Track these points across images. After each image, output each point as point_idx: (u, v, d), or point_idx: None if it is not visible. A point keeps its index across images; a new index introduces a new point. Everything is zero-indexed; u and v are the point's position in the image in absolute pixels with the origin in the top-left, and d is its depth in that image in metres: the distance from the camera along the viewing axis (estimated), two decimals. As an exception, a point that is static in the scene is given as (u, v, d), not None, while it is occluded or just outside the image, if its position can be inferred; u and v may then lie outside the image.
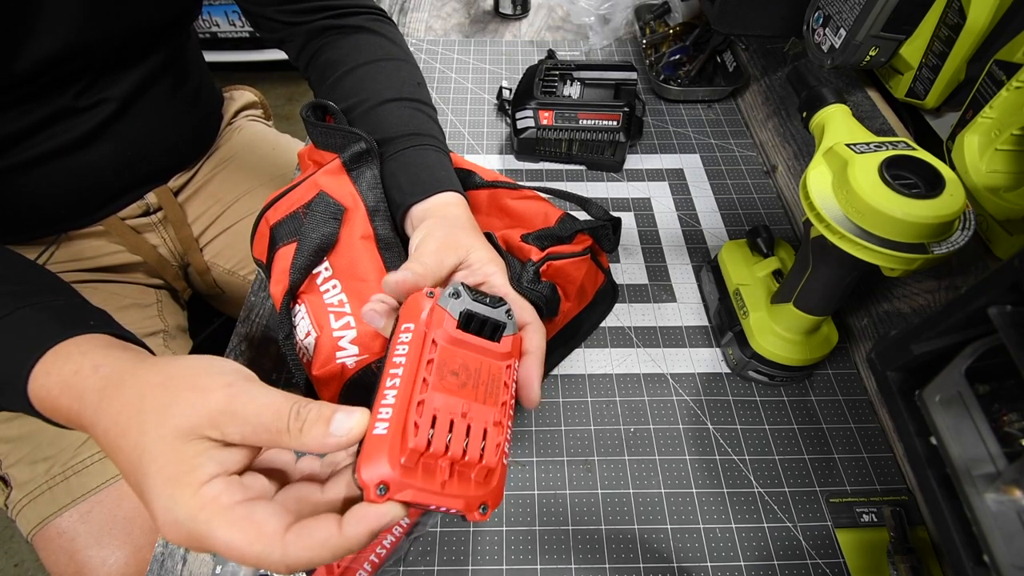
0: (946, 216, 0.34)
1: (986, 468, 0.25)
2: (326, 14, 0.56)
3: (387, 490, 0.26)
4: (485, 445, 0.29)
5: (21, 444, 0.57)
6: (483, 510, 0.29)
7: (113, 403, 0.29)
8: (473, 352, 0.32)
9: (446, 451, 0.27)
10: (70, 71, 0.54)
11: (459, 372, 0.30)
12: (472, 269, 0.39)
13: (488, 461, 0.28)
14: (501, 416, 0.30)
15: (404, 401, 0.28)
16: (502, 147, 0.75)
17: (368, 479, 0.26)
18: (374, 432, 0.27)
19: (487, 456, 0.29)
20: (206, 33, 1.89)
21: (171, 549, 0.44)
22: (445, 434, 0.28)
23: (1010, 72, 0.41)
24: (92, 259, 0.66)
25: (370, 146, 0.45)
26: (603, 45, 0.91)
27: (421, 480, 0.27)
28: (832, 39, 0.55)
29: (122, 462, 0.28)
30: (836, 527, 0.45)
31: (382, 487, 0.26)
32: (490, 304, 0.34)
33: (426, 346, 0.31)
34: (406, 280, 0.34)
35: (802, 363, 0.49)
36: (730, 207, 0.68)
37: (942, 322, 0.28)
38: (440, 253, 0.38)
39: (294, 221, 0.44)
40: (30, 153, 0.55)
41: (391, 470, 0.26)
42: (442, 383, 0.29)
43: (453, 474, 0.28)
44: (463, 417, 0.29)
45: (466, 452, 0.28)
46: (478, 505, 0.29)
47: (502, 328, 0.34)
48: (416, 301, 0.33)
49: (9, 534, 1.17)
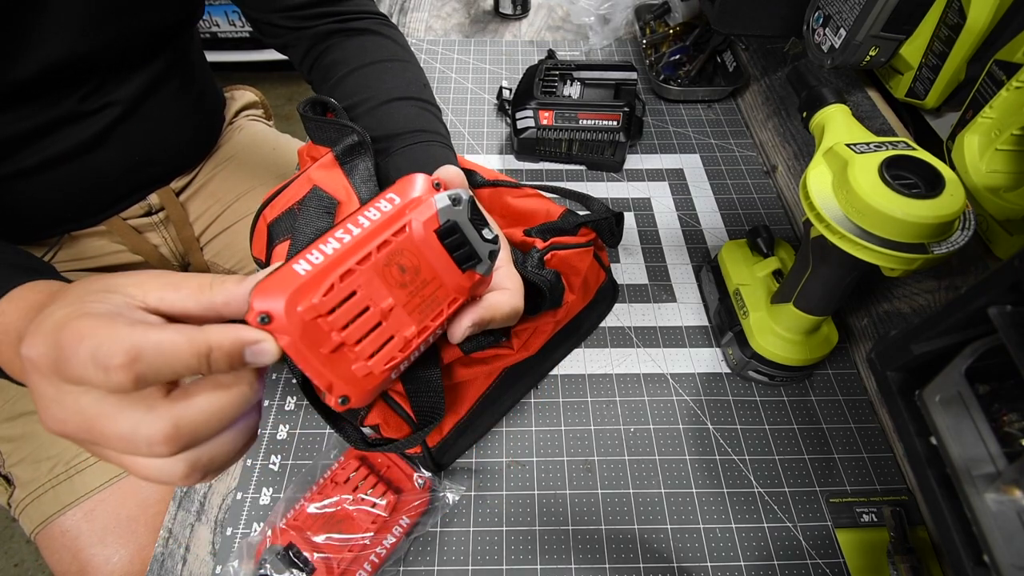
0: (946, 216, 0.34)
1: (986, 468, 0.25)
2: (330, 19, 0.56)
3: (269, 322, 0.25)
4: (381, 350, 0.28)
5: (24, 443, 0.57)
6: (343, 401, 0.27)
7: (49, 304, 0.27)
8: (432, 263, 0.30)
9: (342, 329, 0.26)
10: (75, 76, 0.54)
11: (407, 270, 0.29)
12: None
13: (374, 366, 0.27)
14: (415, 337, 0.29)
15: (338, 260, 0.26)
16: (502, 147, 0.75)
17: (258, 303, 0.25)
18: (292, 266, 0.26)
19: (375, 361, 0.27)
20: (206, 33, 1.89)
21: (171, 549, 0.44)
22: (352, 314, 0.26)
23: (1010, 72, 0.41)
24: (93, 259, 0.66)
25: (362, 138, 0.45)
26: (603, 45, 0.91)
27: (302, 337, 0.25)
28: (832, 39, 0.55)
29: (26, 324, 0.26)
30: (836, 527, 0.45)
31: (264, 317, 0.24)
32: (481, 235, 0.32)
33: (393, 227, 0.28)
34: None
35: (802, 363, 0.49)
36: (730, 207, 0.68)
37: (942, 322, 0.28)
38: None
39: (289, 217, 0.44)
40: (36, 157, 0.55)
41: (283, 309, 0.24)
42: (384, 270, 0.28)
43: (335, 353, 0.26)
44: (380, 312, 0.27)
45: (359, 343, 0.27)
46: (340, 394, 0.27)
47: (475, 262, 0.31)
48: (412, 180, 0.31)
49: (9, 534, 1.17)
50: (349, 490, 0.44)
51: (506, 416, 0.51)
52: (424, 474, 0.46)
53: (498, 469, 0.48)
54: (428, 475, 0.46)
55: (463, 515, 0.45)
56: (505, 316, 0.35)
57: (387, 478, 0.45)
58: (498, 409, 0.49)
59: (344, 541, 0.41)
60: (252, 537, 0.43)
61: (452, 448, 0.47)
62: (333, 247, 0.27)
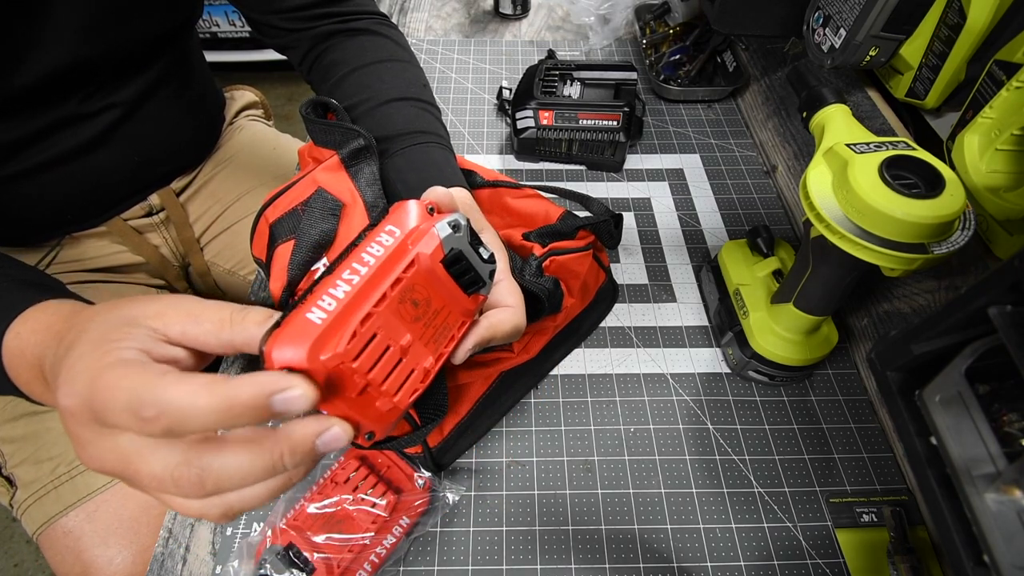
0: (946, 216, 0.34)
1: (986, 468, 0.25)
2: (330, 20, 0.56)
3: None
4: (404, 384, 0.28)
5: (26, 444, 0.57)
6: (368, 437, 0.28)
7: (67, 333, 0.28)
8: (441, 292, 0.30)
9: (367, 372, 0.26)
10: (76, 80, 0.54)
11: (419, 304, 0.29)
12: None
13: (399, 401, 0.27)
14: (432, 366, 0.29)
15: (355, 304, 0.26)
16: (502, 147, 0.75)
17: (278, 357, 0.24)
18: (307, 315, 0.25)
19: (400, 396, 0.27)
20: (206, 33, 1.89)
21: (171, 549, 0.44)
22: (375, 356, 0.26)
23: (1010, 72, 0.41)
24: (94, 260, 0.66)
25: (368, 142, 0.45)
26: (603, 45, 0.91)
27: (327, 385, 0.25)
28: (832, 39, 0.55)
29: (51, 354, 0.27)
30: (836, 527, 0.45)
31: (288, 372, 0.24)
32: (481, 256, 0.32)
33: (402, 261, 0.28)
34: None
35: (802, 363, 0.49)
36: (730, 207, 0.68)
37: (942, 322, 0.28)
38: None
39: (293, 218, 0.44)
40: (36, 159, 0.55)
41: (307, 360, 0.24)
42: (399, 307, 0.27)
43: (361, 395, 0.26)
44: (400, 350, 0.27)
45: (384, 383, 0.27)
46: (367, 431, 0.27)
47: (479, 285, 0.32)
48: (407, 209, 0.30)
49: (9, 534, 1.17)
50: (349, 490, 0.44)
51: (506, 416, 0.51)
52: (424, 474, 0.46)
53: (498, 469, 0.48)
54: (428, 475, 0.46)
55: (463, 515, 0.45)
56: (506, 334, 0.34)
57: (387, 478, 0.45)
58: (498, 409, 0.50)
59: (344, 541, 0.41)
60: (252, 537, 0.43)
61: (452, 448, 0.47)
62: (344, 290, 0.26)
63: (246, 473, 0.23)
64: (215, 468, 0.23)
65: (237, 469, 0.23)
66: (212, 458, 0.23)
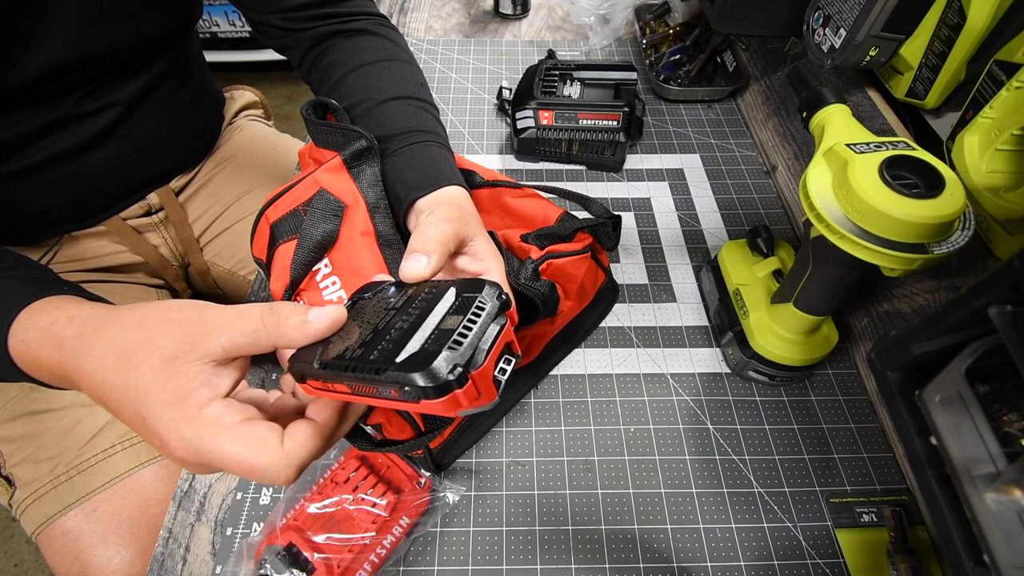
0: (946, 216, 0.34)
1: (986, 468, 0.25)
2: (329, 20, 0.56)
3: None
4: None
5: (25, 443, 0.57)
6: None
7: (96, 346, 0.30)
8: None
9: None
10: (75, 78, 0.54)
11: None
12: (474, 256, 0.38)
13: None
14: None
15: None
16: (502, 147, 0.75)
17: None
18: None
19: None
20: (206, 33, 1.89)
21: (171, 549, 0.44)
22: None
23: (1010, 72, 0.41)
24: (93, 259, 0.66)
25: (371, 144, 0.45)
26: (603, 45, 0.91)
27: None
28: (832, 39, 0.55)
29: (115, 397, 0.29)
30: (836, 527, 0.45)
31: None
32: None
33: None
34: (442, 233, 0.35)
35: (802, 363, 0.49)
36: (730, 207, 0.68)
37: (942, 322, 0.28)
38: (455, 223, 0.37)
39: (294, 219, 0.44)
40: (34, 158, 0.55)
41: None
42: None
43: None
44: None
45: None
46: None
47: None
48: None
49: (9, 534, 1.17)
50: (349, 490, 0.44)
51: (506, 416, 0.51)
52: (424, 474, 0.46)
53: (498, 469, 0.48)
54: (428, 475, 0.46)
55: (463, 515, 0.45)
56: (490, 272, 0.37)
57: (387, 478, 0.45)
58: (498, 410, 0.49)
59: (344, 541, 0.41)
60: (252, 537, 0.43)
61: (452, 448, 0.47)
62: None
63: (324, 449, 0.30)
64: (304, 458, 0.28)
65: (319, 449, 0.29)
66: (299, 448, 0.28)
